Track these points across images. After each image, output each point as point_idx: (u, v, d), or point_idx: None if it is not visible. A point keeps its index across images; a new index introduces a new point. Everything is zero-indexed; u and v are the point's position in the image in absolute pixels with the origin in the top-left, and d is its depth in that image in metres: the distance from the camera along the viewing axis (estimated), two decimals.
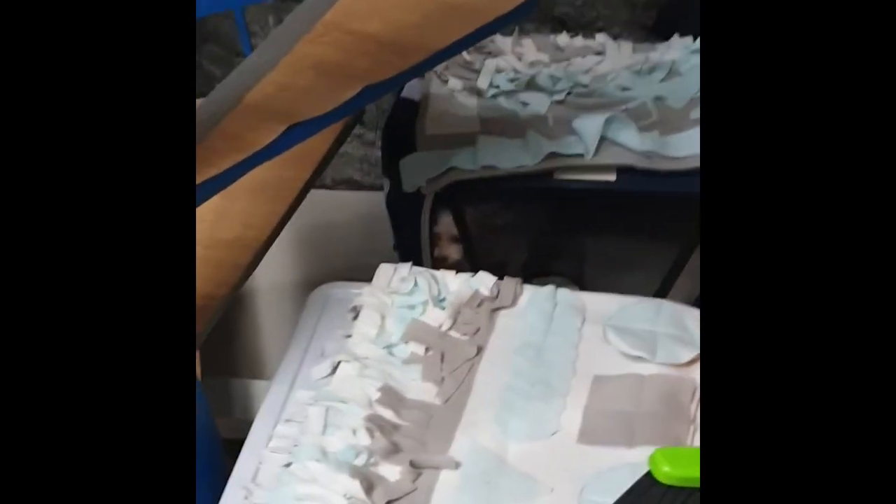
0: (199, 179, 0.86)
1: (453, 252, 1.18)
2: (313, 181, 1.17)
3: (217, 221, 1.09)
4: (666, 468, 0.63)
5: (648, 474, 0.65)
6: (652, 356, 0.83)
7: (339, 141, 1.22)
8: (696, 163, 1.07)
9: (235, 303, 1.39)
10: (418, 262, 1.14)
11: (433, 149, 1.18)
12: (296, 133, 0.93)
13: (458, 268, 1.16)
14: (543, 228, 1.20)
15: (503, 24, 1.10)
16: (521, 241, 1.20)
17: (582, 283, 1.19)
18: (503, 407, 0.81)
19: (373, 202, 1.36)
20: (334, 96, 0.96)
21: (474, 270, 1.11)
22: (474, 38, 1.08)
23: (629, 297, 0.91)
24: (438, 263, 1.15)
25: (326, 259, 1.44)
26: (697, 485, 0.63)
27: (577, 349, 0.86)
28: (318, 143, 1.18)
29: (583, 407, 0.80)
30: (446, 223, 1.17)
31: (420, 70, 1.08)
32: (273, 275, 1.41)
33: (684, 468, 0.63)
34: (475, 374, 0.85)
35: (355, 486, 0.74)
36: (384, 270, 0.97)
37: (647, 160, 1.08)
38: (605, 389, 0.81)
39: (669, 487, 0.63)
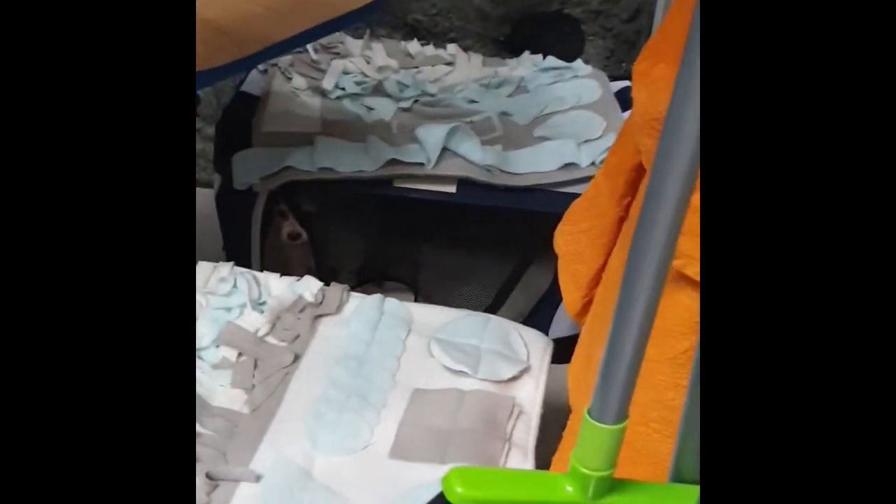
0: None
1: (295, 252, 1.14)
2: None
3: None
4: (459, 489, 0.59)
5: (441, 496, 0.61)
6: (474, 371, 0.80)
7: None
8: (536, 180, 1.06)
9: None
10: (246, 264, 1.09)
11: (269, 146, 1.13)
12: None
13: (299, 265, 1.12)
14: (382, 234, 1.16)
15: (349, 21, 1.06)
16: (358, 245, 1.16)
17: (417, 292, 1.16)
18: (314, 418, 0.76)
19: (208, 199, 1.29)
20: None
21: (317, 270, 1.06)
22: (318, 33, 1.05)
23: (458, 311, 0.88)
24: (277, 257, 1.10)
25: None
26: None
27: (399, 361, 0.82)
28: None
29: (398, 421, 0.76)
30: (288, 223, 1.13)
31: (256, 61, 1.03)
32: None
33: (478, 489, 0.59)
34: (289, 383, 0.80)
35: None
36: (202, 269, 0.91)
37: (488, 174, 1.06)
38: (423, 404, 0.77)
39: None
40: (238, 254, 1.09)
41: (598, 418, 0.52)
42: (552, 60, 1.26)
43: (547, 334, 0.88)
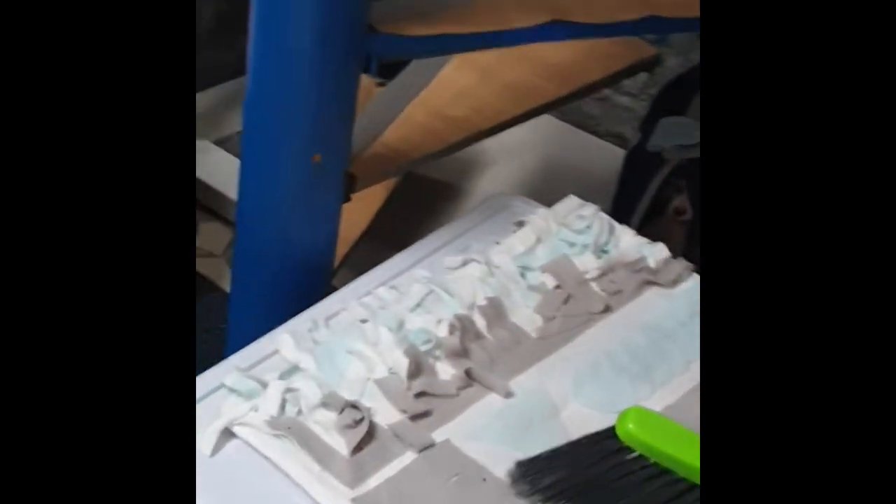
0: (451, 30, 0.85)
1: (673, 227, 1.11)
2: (564, 101, 1.13)
3: (453, 99, 1.08)
4: (631, 426, 0.57)
5: (612, 428, 0.59)
6: None
7: (613, 76, 1.17)
8: None
9: (436, 193, 1.38)
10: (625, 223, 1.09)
11: (699, 120, 1.11)
12: (557, 30, 0.90)
13: (672, 241, 1.10)
14: None
15: None
16: None
17: None
18: (590, 367, 0.75)
19: (612, 158, 1.30)
20: (612, 10, 0.91)
21: (685, 253, 1.04)
22: None
23: None
24: (655, 227, 1.09)
25: (543, 191, 1.41)
26: (653, 456, 0.58)
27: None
28: (588, 67, 1.14)
29: (666, 405, 0.72)
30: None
31: None
32: (486, 182, 1.39)
33: (649, 433, 0.57)
34: (587, 329, 0.79)
35: (402, 365, 0.71)
36: (570, 201, 0.92)
37: None
38: (698, 401, 0.73)
39: (623, 447, 0.57)
40: (622, 211, 1.08)
41: None
42: None
43: None
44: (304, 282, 0.87)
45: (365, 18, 0.81)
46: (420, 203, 1.32)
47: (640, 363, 0.76)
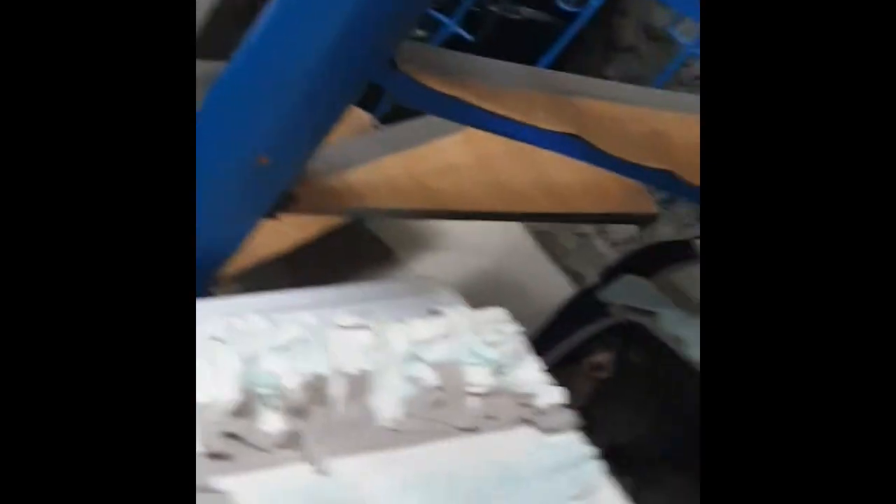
0: (470, 100, 0.82)
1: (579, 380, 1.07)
2: (547, 219, 1.10)
3: (438, 170, 1.04)
4: None
5: None
6: None
7: (604, 216, 1.15)
8: None
9: (375, 254, 1.33)
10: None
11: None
12: (576, 147, 0.87)
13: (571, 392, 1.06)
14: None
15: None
16: (635, 423, 1.06)
17: None
18: (423, 480, 0.69)
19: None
20: (636, 151, 0.89)
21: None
22: None
23: None
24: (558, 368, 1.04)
25: (479, 295, 1.37)
26: None
27: None
28: (585, 197, 1.10)
29: None
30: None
31: None
32: (430, 264, 1.34)
33: None
34: (443, 441, 0.73)
35: (230, 398, 0.66)
36: (495, 312, 0.86)
37: None
38: None
39: None
40: (542, 344, 1.02)
41: None
42: None
43: None
44: None
45: (391, 51, 0.76)
46: (353, 256, 1.28)
47: (479, 495, 0.70)
